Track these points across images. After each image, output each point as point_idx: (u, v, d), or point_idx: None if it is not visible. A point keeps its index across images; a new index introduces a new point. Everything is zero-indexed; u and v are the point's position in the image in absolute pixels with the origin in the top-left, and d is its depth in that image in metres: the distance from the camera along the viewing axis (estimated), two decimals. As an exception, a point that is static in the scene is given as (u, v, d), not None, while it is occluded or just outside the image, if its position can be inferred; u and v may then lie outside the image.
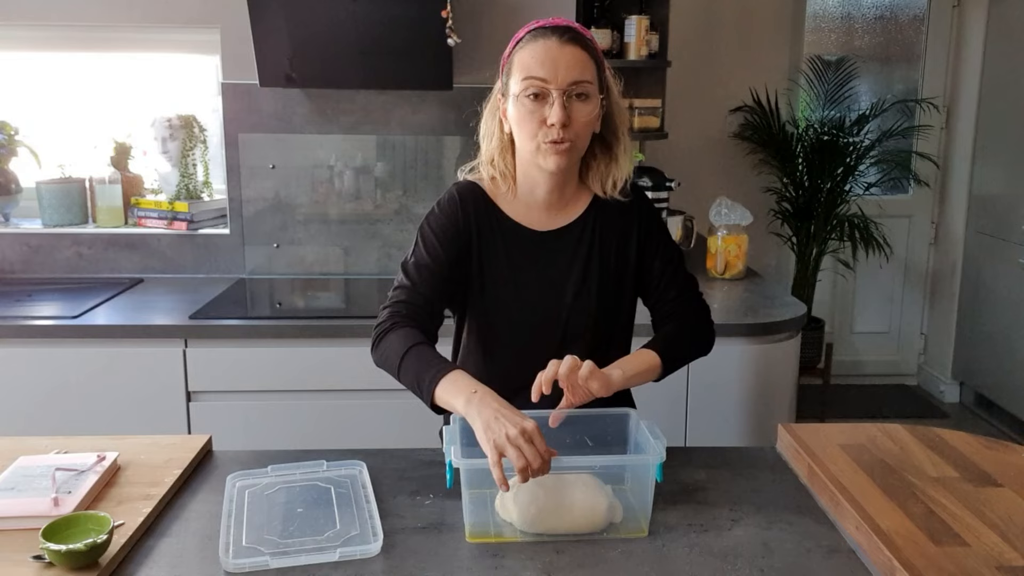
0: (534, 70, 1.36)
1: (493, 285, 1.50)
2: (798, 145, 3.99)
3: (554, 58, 1.36)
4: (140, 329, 2.32)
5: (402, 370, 1.38)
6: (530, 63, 1.37)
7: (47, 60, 2.97)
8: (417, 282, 1.46)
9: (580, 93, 1.38)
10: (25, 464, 1.35)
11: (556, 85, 1.36)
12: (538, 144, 1.40)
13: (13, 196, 2.91)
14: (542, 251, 1.51)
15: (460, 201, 1.50)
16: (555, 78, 1.36)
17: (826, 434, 1.49)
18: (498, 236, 1.50)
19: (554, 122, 1.36)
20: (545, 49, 1.37)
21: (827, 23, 4.21)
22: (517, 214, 1.52)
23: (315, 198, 2.86)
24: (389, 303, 1.47)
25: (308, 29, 2.54)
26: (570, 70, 1.36)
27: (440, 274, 1.47)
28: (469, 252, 1.49)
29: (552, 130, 1.37)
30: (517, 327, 1.50)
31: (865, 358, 4.50)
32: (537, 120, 1.38)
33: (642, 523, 1.24)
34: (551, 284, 1.50)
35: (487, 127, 1.50)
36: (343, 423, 2.38)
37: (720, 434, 2.38)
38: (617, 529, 1.23)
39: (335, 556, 1.15)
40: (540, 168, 1.43)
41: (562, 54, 1.36)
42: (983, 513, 1.21)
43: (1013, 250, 3.76)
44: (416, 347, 1.37)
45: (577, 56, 1.37)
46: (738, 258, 2.85)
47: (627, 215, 1.53)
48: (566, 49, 1.37)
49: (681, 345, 1.51)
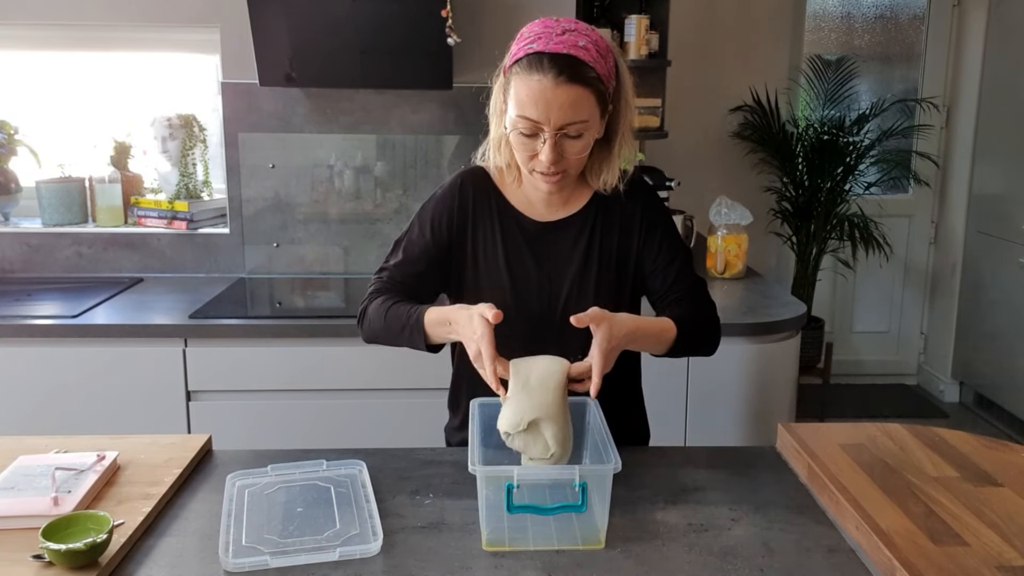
0: (527, 110, 1.34)
1: (487, 271, 1.50)
2: (798, 144, 3.99)
3: (548, 100, 1.32)
4: (140, 329, 2.32)
5: (387, 327, 1.45)
6: (524, 101, 1.34)
7: (47, 60, 2.97)
8: (401, 261, 1.52)
9: (574, 133, 1.36)
10: (25, 463, 1.35)
11: (549, 127, 1.34)
12: (531, 170, 1.41)
13: (13, 195, 2.91)
14: (540, 242, 1.51)
15: (460, 185, 1.52)
16: (548, 120, 1.33)
17: (826, 434, 1.49)
18: (496, 222, 1.50)
19: (544, 161, 1.36)
20: (540, 89, 1.32)
21: (827, 23, 4.21)
22: (519, 203, 1.52)
23: (315, 198, 2.86)
24: (372, 282, 1.53)
25: (308, 29, 2.54)
26: (563, 112, 1.33)
27: (427, 254, 1.50)
28: (464, 236, 1.50)
29: (542, 164, 1.38)
30: (513, 317, 1.49)
31: (865, 358, 4.50)
32: (529, 152, 1.38)
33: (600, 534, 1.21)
34: (548, 275, 1.50)
35: (495, 105, 1.47)
36: (343, 423, 2.38)
37: (720, 434, 2.38)
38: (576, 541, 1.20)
39: (335, 556, 1.15)
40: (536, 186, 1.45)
41: (556, 96, 1.32)
42: (983, 513, 1.21)
43: (1013, 250, 3.76)
44: (395, 303, 1.45)
45: (572, 96, 1.32)
46: (738, 257, 2.85)
47: (630, 209, 1.52)
48: (560, 90, 1.32)
49: (694, 327, 1.49)
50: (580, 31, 1.36)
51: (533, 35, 1.36)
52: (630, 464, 1.36)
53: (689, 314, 1.49)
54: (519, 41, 1.39)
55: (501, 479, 1.17)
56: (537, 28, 1.38)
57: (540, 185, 1.43)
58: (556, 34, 1.34)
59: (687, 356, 1.54)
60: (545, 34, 1.35)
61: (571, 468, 1.17)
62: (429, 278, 1.52)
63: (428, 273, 1.51)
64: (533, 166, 1.40)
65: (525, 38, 1.38)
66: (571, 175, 1.44)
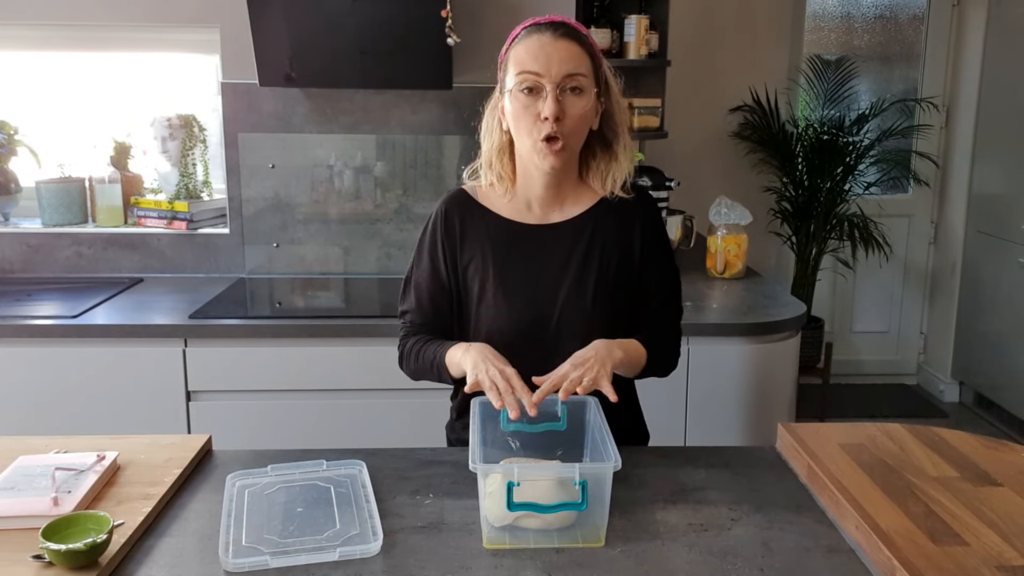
0: (528, 64, 1.38)
1: (485, 281, 1.50)
2: (798, 144, 3.99)
3: (548, 52, 1.38)
4: (140, 329, 2.32)
5: (421, 364, 1.53)
6: (524, 57, 1.39)
7: (47, 60, 2.97)
8: (416, 306, 1.58)
9: (574, 87, 1.39)
10: (25, 464, 1.35)
11: (549, 78, 1.37)
12: (534, 142, 1.41)
13: (13, 196, 2.91)
14: (535, 245, 1.51)
15: (444, 213, 1.55)
16: (548, 71, 1.37)
17: (826, 434, 1.49)
18: (486, 235, 1.52)
19: (547, 115, 1.37)
20: (539, 44, 1.39)
21: (827, 22, 4.21)
22: (510, 211, 1.53)
23: (315, 198, 2.86)
24: (402, 323, 1.61)
25: (308, 29, 2.54)
26: (563, 63, 1.38)
27: (435, 290, 1.55)
28: (459, 259, 1.53)
29: (546, 124, 1.38)
30: (511, 321, 1.49)
31: (865, 358, 4.50)
32: (532, 115, 1.39)
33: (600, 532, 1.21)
34: (544, 278, 1.50)
35: (487, 124, 1.51)
36: (343, 423, 2.38)
37: (720, 434, 2.38)
38: (576, 540, 1.21)
39: (335, 556, 1.15)
40: (537, 166, 1.45)
41: (556, 48, 1.38)
42: (983, 512, 1.21)
43: (1013, 250, 3.76)
44: (423, 346, 1.53)
45: (571, 50, 1.39)
46: (738, 257, 2.85)
47: (631, 218, 1.53)
48: (560, 43, 1.38)
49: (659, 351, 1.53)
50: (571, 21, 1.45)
51: (526, 22, 1.45)
52: (630, 464, 1.36)
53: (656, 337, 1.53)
54: (511, 36, 1.46)
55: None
56: (528, 21, 1.45)
57: (543, 161, 1.42)
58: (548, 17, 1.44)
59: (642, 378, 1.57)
60: (538, 18, 1.44)
61: (571, 466, 1.17)
62: (446, 309, 1.56)
63: (443, 306, 1.56)
64: (538, 132, 1.40)
65: (519, 27, 1.46)
66: (571, 148, 1.45)
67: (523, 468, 1.19)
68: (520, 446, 1.37)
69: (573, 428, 1.37)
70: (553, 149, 1.40)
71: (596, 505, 1.20)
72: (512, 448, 1.37)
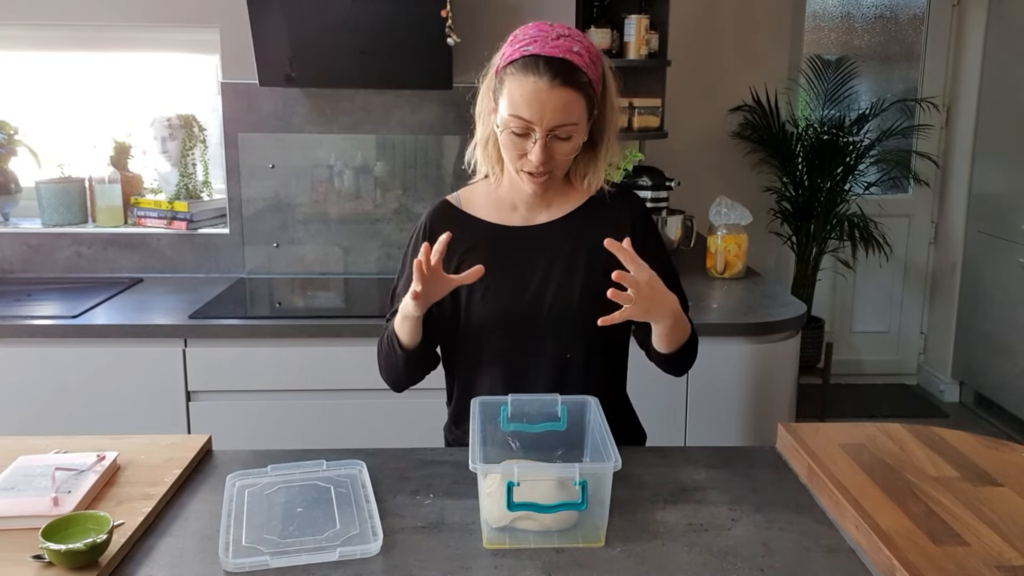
0: (520, 109, 1.36)
1: (472, 285, 1.48)
2: (798, 144, 3.99)
3: (542, 101, 1.35)
4: (140, 329, 2.32)
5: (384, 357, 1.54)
6: (518, 101, 1.36)
7: (47, 60, 2.97)
8: None
9: (564, 135, 1.39)
10: (25, 464, 1.35)
11: (540, 127, 1.37)
12: (518, 170, 1.43)
13: (13, 196, 2.91)
14: (521, 247, 1.51)
15: (428, 226, 1.55)
16: (540, 120, 1.36)
17: (826, 434, 1.49)
18: (472, 242, 1.51)
19: (533, 160, 1.39)
20: (535, 90, 1.35)
21: (827, 22, 4.21)
22: (496, 215, 1.53)
23: (315, 198, 2.86)
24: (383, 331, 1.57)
25: (308, 29, 2.54)
26: (556, 114, 1.36)
27: None
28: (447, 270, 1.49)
29: (531, 164, 1.40)
30: (499, 322, 1.49)
31: (865, 358, 4.50)
32: (519, 150, 1.40)
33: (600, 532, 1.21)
34: (531, 279, 1.50)
35: (482, 104, 1.49)
36: (343, 423, 2.38)
37: (720, 434, 2.38)
38: (576, 539, 1.20)
39: (335, 556, 1.15)
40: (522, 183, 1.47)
41: (550, 98, 1.35)
42: (983, 512, 1.21)
43: (1013, 250, 3.76)
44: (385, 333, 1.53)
45: (565, 99, 1.36)
46: (738, 257, 2.85)
47: (617, 216, 1.52)
48: (555, 93, 1.35)
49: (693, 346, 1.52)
50: (574, 37, 1.39)
51: (528, 38, 1.38)
52: (630, 464, 1.36)
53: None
54: (512, 43, 1.41)
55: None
56: (532, 31, 1.40)
57: (526, 186, 1.45)
58: (551, 38, 1.37)
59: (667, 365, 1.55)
60: (540, 38, 1.38)
61: (571, 466, 1.17)
62: (431, 320, 1.50)
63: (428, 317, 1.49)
64: (521, 165, 1.42)
65: (520, 40, 1.40)
66: (556, 176, 1.47)
67: (523, 468, 1.19)
68: (520, 446, 1.37)
69: (573, 428, 1.37)
70: (536, 181, 1.43)
71: (596, 505, 1.20)
72: (512, 448, 1.37)
